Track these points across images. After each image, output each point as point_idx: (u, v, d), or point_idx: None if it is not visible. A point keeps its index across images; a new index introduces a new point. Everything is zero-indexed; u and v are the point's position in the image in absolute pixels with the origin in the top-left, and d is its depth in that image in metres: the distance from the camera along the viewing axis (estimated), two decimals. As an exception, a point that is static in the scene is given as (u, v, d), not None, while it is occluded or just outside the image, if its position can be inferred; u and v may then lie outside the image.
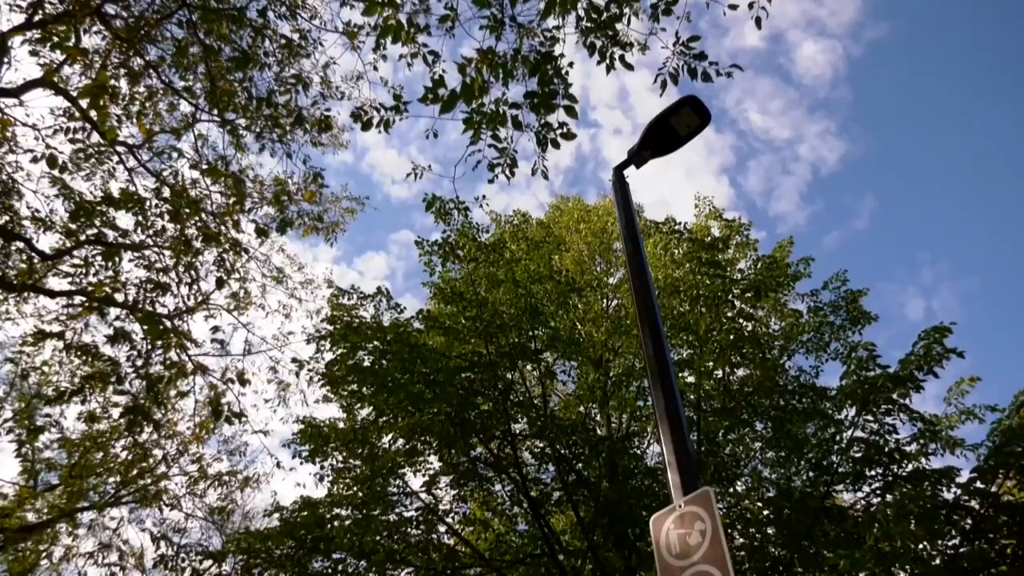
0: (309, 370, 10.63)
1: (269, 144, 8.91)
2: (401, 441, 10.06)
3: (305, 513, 9.57)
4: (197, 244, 8.82)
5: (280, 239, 10.96)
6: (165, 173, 9.14)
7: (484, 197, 9.23)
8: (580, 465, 10.40)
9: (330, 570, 9.36)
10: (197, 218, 8.66)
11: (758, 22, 5.74)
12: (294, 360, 10.71)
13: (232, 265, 9.55)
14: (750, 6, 5.74)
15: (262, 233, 8.77)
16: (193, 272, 9.16)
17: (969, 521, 8.25)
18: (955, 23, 53.85)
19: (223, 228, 8.95)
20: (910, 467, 8.73)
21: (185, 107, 9.30)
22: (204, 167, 8.83)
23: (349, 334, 9.91)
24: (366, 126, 6.45)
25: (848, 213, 61.57)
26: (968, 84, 53.12)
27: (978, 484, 8.24)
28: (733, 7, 5.76)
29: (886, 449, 8.72)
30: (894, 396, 8.65)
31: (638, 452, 11.37)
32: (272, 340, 11.77)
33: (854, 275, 11.73)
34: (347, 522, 9.50)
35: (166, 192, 8.74)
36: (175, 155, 9.20)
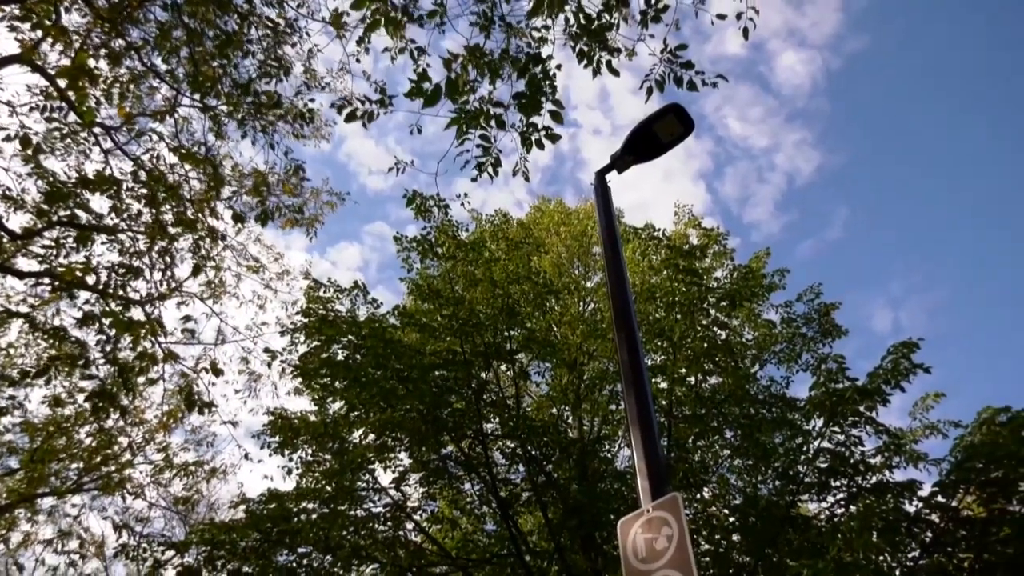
0: (282, 361, 10.57)
1: (251, 132, 8.81)
2: (372, 436, 10.01)
3: (272, 506, 9.49)
4: (173, 230, 8.70)
5: (257, 228, 10.83)
6: (143, 157, 9.01)
7: (466, 195, 9.25)
8: (550, 467, 10.42)
9: (295, 564, 9.28)
10: (174, 203, 8.54)
11: (745, 33, 5.78)
12: (267, 351, 10.63)
13: (208, 253, 9.43)
14: (738, 17, 5.80)
15: (239, 219, 8.67)
16: (167, 258, 9.05)
17: (929, 534, 8.41)
18: (933, 38, 54.95)
19: (200, 215, 8.84)
20: (874, 479, 8.89)
21: (166, 91, 9.18)
22: (183, 152, 8.70)
23: (324, 327, 9.86)
24: (350, 117, 6.40)
25: (822, 223, 62.49)
26: (945, 98, 54.24)
27: (939, 498, 8.41)
28: (721, 17, 5.81)
29: (851, 460, 8.87)
30: (861, 408, 8.81)
31: (608, 455, 11.42)
32: (245, 330, 11.66)
33: (825, 285, 11.91)
34: (314, 516, 9.44)
35: (143, 176, 8.61)
36: (154, 138, 9.08)
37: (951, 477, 8.51)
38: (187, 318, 8.77)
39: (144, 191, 8.43)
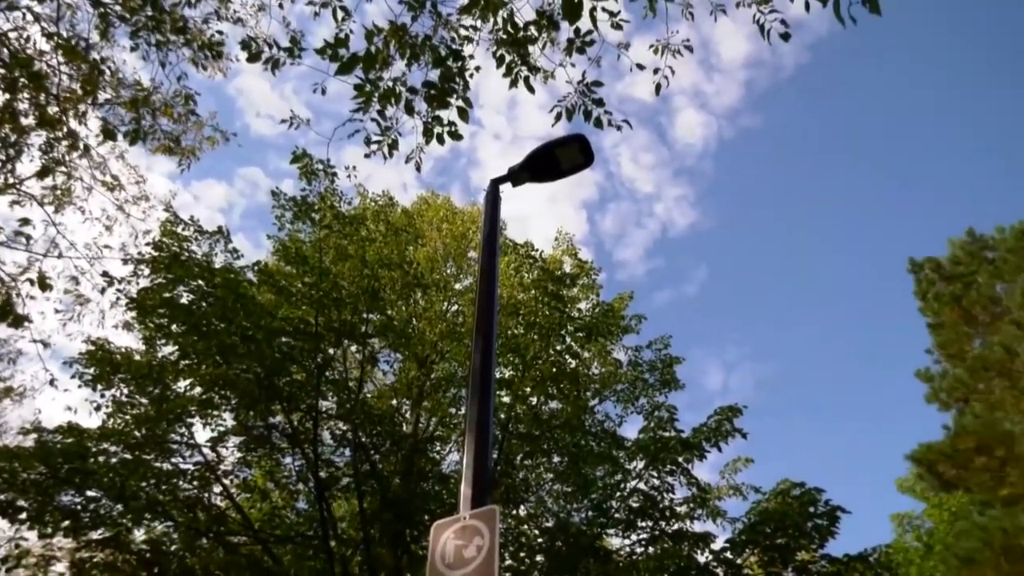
0: (118, 291, 9.79)
1: (144, 47, 8.12)
2: (199, 390, 9.47)
3: (69, 440, 8.73)
4: (27, 121, 7.87)
5: (123, 144, 9.92)
6: (10, 34, 8.09)
7: (355, 168, 9.00)
8: (377, 457, 10.31)
9: (79, 507, 8.57)
10: (35, 94, 7.73)
11: (657, 88, 6.04)
12: (104, 275, 9.80)
13: (63, 157, 8.60)
14: (655, 71, 6.05)
15: (109, 135, 7.97)
16: (12, 150, 8.15)
17: (712, 586, 9.05)
18: (814, 130, 60.23)
19: (63, 115, 8.05)
20: (676, 526, 9.51)
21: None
22: (60, 42, 7.90)
23: (174, 265, 9.27)
24: (253, 59, 6.11)
25: (682, 278, 66.32)
26: (817, 189, 59.45)
27: (728, 554, 9.10)
28: (640, 67, 6.04)
29: (660, 505, 9.45)
30: (680, 459, 9.42)
31: (437, 457, 11.45)
32: (83, 248, 10.60)
33: (673, 336, 12.63)
34: (114, 460, 8.79)
35: (5, 54, 7.74)
36: (28, 18, 8.18)
37: (742, 537, 9.23)
38: (25, 221, 7.94)
39: (3, 72, 7.57)
